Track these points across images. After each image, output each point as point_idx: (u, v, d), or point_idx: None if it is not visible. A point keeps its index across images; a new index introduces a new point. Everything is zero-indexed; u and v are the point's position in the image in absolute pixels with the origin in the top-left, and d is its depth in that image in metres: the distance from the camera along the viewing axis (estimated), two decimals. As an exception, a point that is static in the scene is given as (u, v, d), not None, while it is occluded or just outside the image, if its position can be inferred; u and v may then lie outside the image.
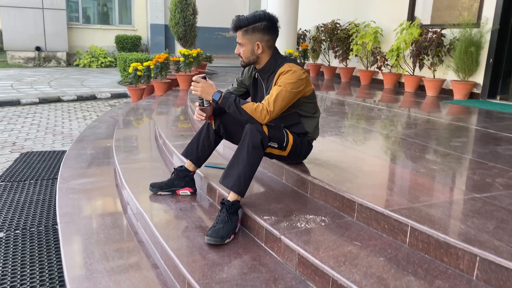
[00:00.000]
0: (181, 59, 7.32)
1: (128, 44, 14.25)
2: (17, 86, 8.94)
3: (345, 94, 6.52)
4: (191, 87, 2.31)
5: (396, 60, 6.86)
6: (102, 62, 13.79)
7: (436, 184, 2.43)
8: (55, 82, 9.75)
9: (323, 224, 2.07)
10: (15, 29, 12.88)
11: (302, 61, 8.11)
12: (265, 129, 2.28)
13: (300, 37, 9.14)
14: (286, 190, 2.56)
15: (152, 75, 7.42)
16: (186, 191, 2.74)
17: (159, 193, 2.74)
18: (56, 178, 3.55)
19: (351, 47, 7.81)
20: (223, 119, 2.59)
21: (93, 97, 8.34)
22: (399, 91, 6.79)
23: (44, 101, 7.73)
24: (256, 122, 2.25)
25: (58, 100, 7.91)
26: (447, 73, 6.34)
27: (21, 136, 5.26)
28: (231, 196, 2.22)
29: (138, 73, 7.14)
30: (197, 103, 2.47)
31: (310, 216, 2.15)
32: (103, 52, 13.94)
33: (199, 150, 2.66)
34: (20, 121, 6.12)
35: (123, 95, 8.57)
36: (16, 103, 7.42)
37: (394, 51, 6.77)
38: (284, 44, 7.03)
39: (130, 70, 7.18)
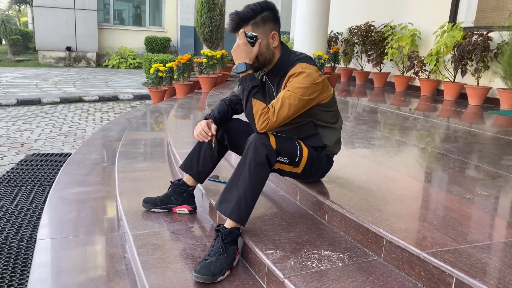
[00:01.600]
0: (204, 60, 6.99)
1: (158, 45, 14.15)
2: (42, 85, 8.88)
3: (377, 100, 6.01)
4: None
5: (435, 65, 6.28)
6: (131, 64, 13.74)
7: (488, 216, 1.94)
8: (80, 82, 9.66)
9: (340, 264, 1.63)
10: (47, 29, 12.99)
11: (333, 65, 7.64)
12: (272, 141, 1.86)
13: (332, 40, 8.67)
14: (300, 213, 2.13)
15: (175, 76, 7.14)
16: (183, 209, 2.35)
17: (152, 210, 2.37)
18: (53, 185, 3.25)
19: (386, 50, 7.28)
20: (227, 126, 2.20)
21: (115, 98, 8.16)
22: (437, 99, 6.21)
23: (65, 101, 7.59)
24: (253, 126, 1.86)
25: (79, 100, 7.76)
26: (493, 80, 5.72)
27: (32, 136, 5.05)
28: (229, 223, 1.82)
29: (160, 74, 6.86)
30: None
31: (325, 252, 1.72)
32: (132, 54, 13.89)
33: (200, 163, 2.26)
34: (36, 121, 5.94)
35: (146, 97, 8.34)
36: (37, 102, 7.30)
37: (433, 55, 6.21)
38: (313, 46, 6.59)
39: (151, 71, 6.91)
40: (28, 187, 3.38)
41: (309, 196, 2.14)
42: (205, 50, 7.31)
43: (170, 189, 2.37)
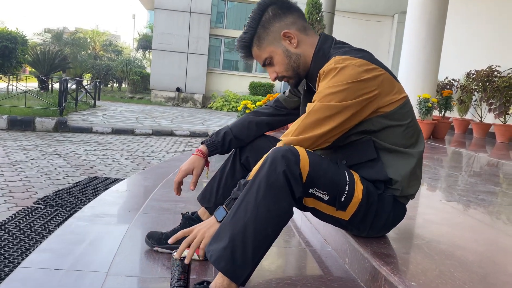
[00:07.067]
0: (295, 99, 6.54)
1: (261, 90, 14.23)
2: (142, 119, 9.22)
3: (499, 155, 4.85)
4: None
5: None
6: (233, 107, 13.93)
7: None
8: (178, 119, 9.87)
9: None
10: (161, 70, 13.92)
11: (443, 113, 6.56)
12: (304, 158, 1.19)
13: (445, 86, 7.63)
14: (345, 283, 1.38)
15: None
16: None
17: (155, 248, 1.81)
18: (89, 209, 2.91)
19: (512, 98, 6.05)
20: (253, 147, 1.62)
21: (205, 135, 8.04)
22: None
23: (156, 133, 7.66)
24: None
25: (170, 133, 7.78)
26: None
27: (106, 161, 4.96)
28: (218, 280, 1.17)
29: (247, 111, 6.58)
30: None
31: None
32: (236, 97, 14.13)
33: (219, 194, 1.70)
34: (119, 148, 5.94)
35: (236, 136, 8.10)
36: (130, 132, 7.47)
37: None
38: (420, 87, 5.72)
39: (240, 108, 6.66)
40: (68, 208, 3.09)
41: (360, 258, 1.38)
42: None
43: (180, 224, 1.80)
